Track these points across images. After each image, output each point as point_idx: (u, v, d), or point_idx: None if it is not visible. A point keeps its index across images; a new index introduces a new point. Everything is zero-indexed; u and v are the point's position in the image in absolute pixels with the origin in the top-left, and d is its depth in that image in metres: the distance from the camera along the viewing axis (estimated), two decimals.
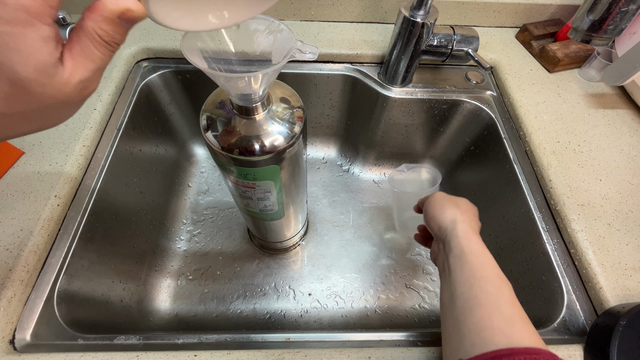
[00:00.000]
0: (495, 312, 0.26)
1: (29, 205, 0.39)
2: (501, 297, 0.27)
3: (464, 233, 0.33)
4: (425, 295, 0.59)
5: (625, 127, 0.51)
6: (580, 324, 0.37)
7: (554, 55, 0.55)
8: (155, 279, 0.57)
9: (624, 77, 0.47)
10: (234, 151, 0.29)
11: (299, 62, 0.57)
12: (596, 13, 0.39)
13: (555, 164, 0.46)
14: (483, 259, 0.30)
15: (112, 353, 0.33)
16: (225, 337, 0.37)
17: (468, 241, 0.32)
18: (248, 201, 0.39)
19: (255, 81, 0.25)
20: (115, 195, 0.47)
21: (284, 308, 0.57)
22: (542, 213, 0.45)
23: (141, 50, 0.56)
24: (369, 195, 0.70)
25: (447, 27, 0.49)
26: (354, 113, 0.65)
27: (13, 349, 0.33)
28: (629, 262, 0.39)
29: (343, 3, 0.59)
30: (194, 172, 0.70)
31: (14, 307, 0.34)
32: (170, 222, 0.62)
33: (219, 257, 0.61)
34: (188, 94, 0.61)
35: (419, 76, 0.58)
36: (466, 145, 0.62)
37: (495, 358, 0.23)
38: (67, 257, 0.39)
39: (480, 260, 0.30)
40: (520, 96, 0.53)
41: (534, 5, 0.59)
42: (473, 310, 0.27)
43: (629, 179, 0.45)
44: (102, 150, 0.46)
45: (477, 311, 0.27)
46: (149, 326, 0.52)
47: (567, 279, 0.40)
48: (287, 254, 0.62)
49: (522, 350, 0.23)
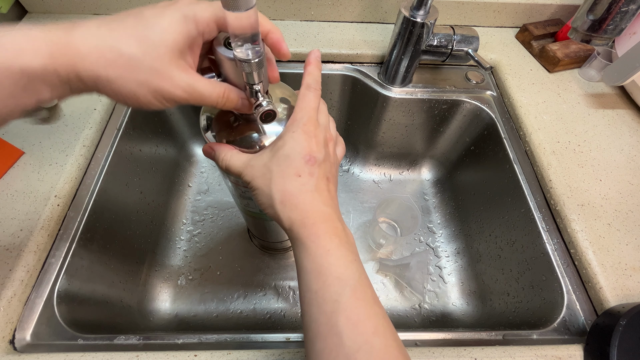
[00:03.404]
0: (336, 345, 0.21)
1: (29, 205, 0.39)
2: (339, 318, 0.21)
3: (290, 222, 0.24)
4: (425, 293, 0.59)
5: (625, 127, 0.51)
6: (580, 324, 0.37)
7: (554, 55, 0.55)
8: (155, 279, 0.57)
9: (624, 77, 0.47)
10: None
11: (299, 62, 0.57)
12: (596, 13, 0.39)
13: (555, 164, 0.46)
14: (322, 258, 0.23)
15: (112, 353, 0.33)
16: (225, 337, 0.37)
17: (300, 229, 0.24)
18: (248, 201, 0.39)
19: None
20: (115, 195, 0.47)
21: (284, 308, 0.57)
22: (542, 213, 0.45)
23: None
24: (369, 195, 0.70)
25: (447, 27, 0.49)
26: (354, 113, 0.65)
27: (13, 349, 0.33)
28: (629, 262, 0.38)
29: (343, 3, 0.59)
30: (194, 172, 0.70)
31: (14, 307, 0.34)
32: (170, 222, 0.62)
33: (219, 257, 0.61)
34: None
35: (419, 76, 0.58)
36: (466, 145, 0.62)
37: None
38: (67, 257, 0.39)
39: (318, 260, 0.23)
40: (520, 96, 0.53)
41: (534, 5, 0.59)
42: (314, 341, 0.22)
43: (629, 179, 0.45)
44: (102, 150, 0.46)
45: (317, 343, 0.22)
46: (149, 326, 0.52)
47: (567, 279, 0.40)
48: (287, 254, 0.62)
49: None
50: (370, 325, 0.22)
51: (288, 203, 0.24)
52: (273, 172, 0.24)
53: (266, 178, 0.25)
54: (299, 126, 0.25)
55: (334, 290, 0.22)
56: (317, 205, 0.24)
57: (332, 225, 0.24)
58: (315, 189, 0.24)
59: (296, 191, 0.24)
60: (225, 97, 0.25)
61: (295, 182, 0.24)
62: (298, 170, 0.24)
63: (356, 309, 0.22)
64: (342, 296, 0.22)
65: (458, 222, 0.64)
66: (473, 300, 0.57)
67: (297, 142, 0.25)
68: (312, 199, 0.24)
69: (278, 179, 0.24)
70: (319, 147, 0.25)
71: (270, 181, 0.24)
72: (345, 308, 0.21)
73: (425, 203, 0.69)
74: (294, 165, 0.24)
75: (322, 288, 0.22)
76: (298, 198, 0.24)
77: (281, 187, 0.24)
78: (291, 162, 0.24)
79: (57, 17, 0.58)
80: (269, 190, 0.24)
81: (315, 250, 0.23)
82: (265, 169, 0.25)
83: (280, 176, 0.24)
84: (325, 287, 0.22)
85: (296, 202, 0.24)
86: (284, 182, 0.24)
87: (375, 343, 0.21)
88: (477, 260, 0.57)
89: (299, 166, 0.24)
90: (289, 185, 0.24)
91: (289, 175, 0.24)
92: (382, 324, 0.22)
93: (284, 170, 0.24)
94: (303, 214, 0.24)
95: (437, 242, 0.65)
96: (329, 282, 0.22)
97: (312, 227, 0.23)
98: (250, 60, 0.23)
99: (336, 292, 0.22)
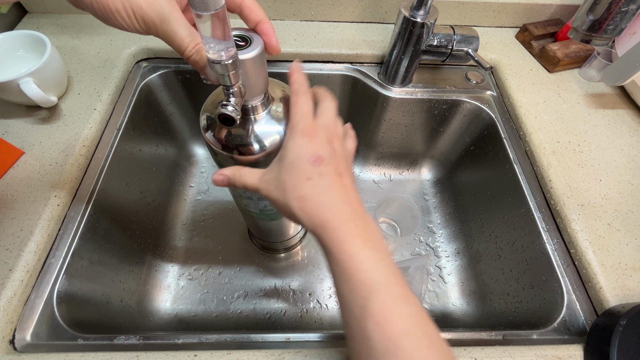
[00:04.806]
0: (367, 347, 0.21)
1: (29, 205, 0.39)
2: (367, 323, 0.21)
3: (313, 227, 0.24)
4: (424, 295, 0.59)
5: (625, 127, 0.51)
6: (580, 324, 0.37)
7: (554, 55, 0.55)
8: (155, 279, 0.57)
9: (624, 77, 0.47)
10: (234, 151, 0.29)
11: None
12: (596, 13, 0.39)
13: (555, 164, 0.46)
14: (347, 263, 0.22)
15: (112, 353, 0.33)
16: (225, 337, 0.37)
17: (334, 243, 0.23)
18: (248, 201, 0.39)
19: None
20: (115, 195, 0.47)
21: (284, 308, 0.57)
22: (542, 213, 0.45)
23: (141, 50, 0.56)
24: (369, 195, 0.70)
25: (447, 27, 0.49)
26: (354, 113, 0.65)
27: (13, 349, 0.33)
28: (629, 262, 0.38)
29: (343, 3, 0.59)
30: (194, 172, 0.70)
31: (14, 307, 0.34)
32: (170, 222, 0.62)
33: (219, 257, 0.61)
34: (188, 94, 0.61)
35: (419, 76, 0.58)
36: (466, 145, 0.62)
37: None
38: (67, 257, 0.39)
39: (342, 265, 0.22)
40: (520, 96, 0.53)
41: (534, 5, 0.59)
42: (350, 340, 0.23)
43: (629, 179, 0.45)
44: (102, 150, 0.46)
45: (352, 343, 0.22)
46: (149, 326, 0.51)
47: (567, 279, 0.40)
48: (287, 254, 0.62)
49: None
50: (399, 328, 0.21)
51: (306, 209, 0.24)
52: (285, 183, 0.24)
53: (280, 189, 0.24)
54: (297, 131, 0.25)
55: (360, 295, 0.22)
56: (335, 205, 0.24)
57: (353, 226, 0.23)
58: (330, 189, 0.24)
59: (311, 195, 0.24)
60: (197, 50, 0.23)
61: (308, 186, 0.24)
62: (307, 173, 0.24)
63: (384, 313, 0.21)
64: (369, 301, 0.21)
65: (458, 222, 0.64)
66: (473, 300, 0.57)
67: (299, 147, 0.24)
68: (328, 199, 0.24)
69: (291, 187, 0.24)
70: (322, 146, 0.25)
71: (285, 192, 0.24)
72: (373, 313, 0.21)
73: (425, 203, 0.69)
74: (302, 170, 0.24)
75: (350, 293, 0.22)
76: (314, 202, 0.23)
77: (296, 194, 0.24)
78: (299, 168, 0.24)
79: (57, 17, 0.58)
80: (286, 201, 0.24)
81: (339, 256, 0.23)
82: (277, 181, 0.25)
83: (292, 184, 0.24)
84: (352, 293, 0.22)
85: (313, 206, 0.23)
86: (298, 189, 0.24)
87: (404, 345, 0.20)
88: (477, 260, 0.57)
89: (307, 169, 0.24)
90: (303, 191, 0.24)
91: (300, 181, 0.24)
92: (412, 323, 0.21)
93: (294, 178, 0.24)
94: (322, 217, 0.23)
95: (437, 242, 0.65)
96: (355, 288, 0.22)
97: (333, 231, 0.23)
98: (222, 61, 0.22)
99: (363, 298, 0.22)
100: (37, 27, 0.57)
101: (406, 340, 0.21)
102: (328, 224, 0.23)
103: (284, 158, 0.25)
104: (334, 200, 0.24)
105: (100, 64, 0.53)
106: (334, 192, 0.24)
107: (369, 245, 0.23)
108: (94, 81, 0.50)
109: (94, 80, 0.50)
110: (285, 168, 0.25)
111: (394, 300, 0.22)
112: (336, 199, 0.24)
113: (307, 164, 0.24)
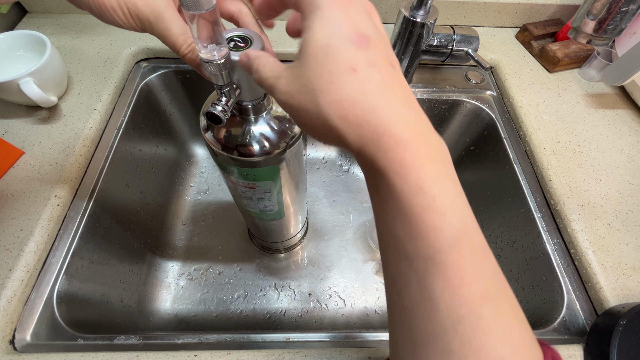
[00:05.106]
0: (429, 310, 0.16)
1: (29, 205, 0.39)
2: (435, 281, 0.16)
3: (361, 144, 0.16)
4: None
5: (625, 127, 0.51)
6: (580, 324, 0.37)
7: (554, 55, 0.55)
8: (155, 279, 0.57)
9: (624, 77, 0.47)
10: (234, 151, 0.29)
11: None
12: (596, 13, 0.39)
13: (555, 164, 0.46)
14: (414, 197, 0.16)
15: (112, 353, 0.33)
16: (225, 337, 0.37)
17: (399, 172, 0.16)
18: (248, 201, 0.39)
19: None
20: (115, 195, 0.47)
21: (284, 308, 0.57)
22: (542, 213, 0.45)
23: (141, 50, 0.56)
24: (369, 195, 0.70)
25: (447, 27, 0.49)
26: None
27: (13, 349, 0.33)
28: (629, 262, 0.39)
29: None
30: (194, 172, 0.70)
31: (14, 307, 0.34)
32: (170, 222, 0.62)
33: (219, 257, 0.61)
34: (188, 94, 0.61)
35: (419, 76, 0.58)
36: (466, 145, 0.62)
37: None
38: (67, 257, 0.39)
39: (406, 200, 0.16)
40: (520, 96, 0.53)
41: (534, 5, 0.59)
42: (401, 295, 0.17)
43: (629, 179, 0.45)
44: (102, 150, 0.46)
45: (405, 299, 0.17)
46: (149, 326, 0.52)
47: (567, 279, 0.40)
48: (287, 254, 0.62)
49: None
50: (478, 290, 0.16)
51: (352, 116, 0.16)
52: (315, 79, 0.16)
53: (308, 90, 0.16)
54: (323, 1, 0.16)
55: (429, 244, 0.16)
56: (397, 111, 0.16)
57: (423, 142, 0.16)
58: (386, 85, 0.16)
59: (359, 96, 0.16)
60: (192, 48, 0.23)
61: (354, 82, 0.16)
62: (350, 62, 0.16)
63: (459, 270, 0.16)
64: (440, 252, 0.16)
65: None
66: None
67: (332, 20, 0.16)
68: (385, 101, 0.16)
69: (325, 86, 0.16)
70: (363, 19, 0.17)
71: (315, 94, 0.16)
72: (444, 268, 0.16)
73: None
74: (342, 57, 0.16)
75: (412, 239, 0.16)
76: (365, 105, 0.16)
77: (334, 96, 0.16)
78: (336, 53, 0.16)
79: (57, 17, 0.58)
80: (317, 107, 0.16)
81: (402, 186, 0.16)
82: (304, 79, 0.16)
83: (327, 81, 0.16)
84: (417, 239, 0.16)
85: (362, 112, 0.16)
86: (337, 88, 0.16)
87: (484, 313, 0.16)
88: None
89: (350, 55, 0.16)
90: (345, 89, 0.16)
91: (340, 75, 0.16)
92: (492, 285, 0.17)
93: (330, 71, 0.16)
94: (378, 128, 0.15)
95: None
96: (422, 234, 0.16)
97: (394, 149, 0.15)
98: (214, 60, 0.22)
99: (431, 247, 0.16)
100: (37, 27, 0.57)
101: (487, 306, 0.16)
102: (385, 138, 0.15)
103: (309, 43, 0.16)
104: (394, 105, 0.16)
105: (100, 64, 0.53)
106: (393, 92, 0.16)
107: (443, 172, 0.16)
108: (94, 81, 0.50)
109: (94, 80, 0.51)
110: (313, 58, 0.16)
111: (473, 253, 0.16)
112: (396, 102, 0.16)
113: (348, 46, 0.16)
